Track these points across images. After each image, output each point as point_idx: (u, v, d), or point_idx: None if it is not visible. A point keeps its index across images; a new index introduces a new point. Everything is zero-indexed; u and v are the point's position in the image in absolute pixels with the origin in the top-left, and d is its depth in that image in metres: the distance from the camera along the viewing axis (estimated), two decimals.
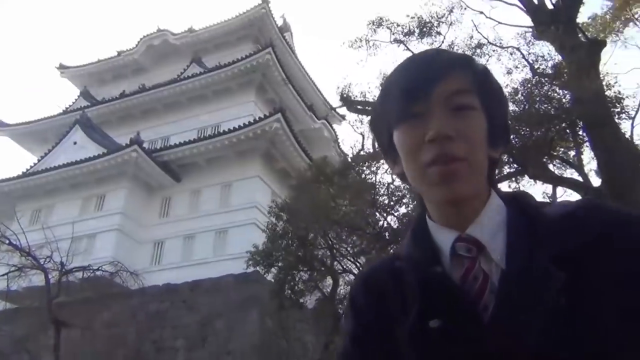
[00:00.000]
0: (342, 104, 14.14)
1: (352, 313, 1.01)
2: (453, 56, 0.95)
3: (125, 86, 30.06)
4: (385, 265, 1.01)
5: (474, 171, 0.85)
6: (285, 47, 29.43)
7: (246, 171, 21.49)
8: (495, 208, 0.90)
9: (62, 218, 20.99)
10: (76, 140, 24.03)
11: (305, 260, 12.65)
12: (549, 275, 0.77)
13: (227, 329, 16.72)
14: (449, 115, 0.86)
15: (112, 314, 18.65)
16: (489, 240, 0.86)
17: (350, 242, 13.05)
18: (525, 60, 11.60)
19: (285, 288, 12.96)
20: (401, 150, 0.91)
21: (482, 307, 0.82)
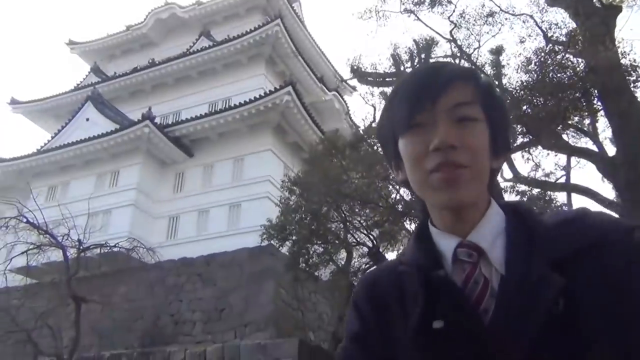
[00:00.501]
0: (353, 76, 14.06)
1: (354, 316, 1.04)
2: (457, 68, 0.98)
3: (135, 61, 29.95)
4: (388, 270, 1.05)
5: (476, 179, 0.89)
6: (295, 18, 29.07)
7: (258, 145, 21.48)
8: (495, 215, 0.94)
9: (77, 195, 21.21)
10: (88, 117, 24.09)
11: (319, 233, 12.74)
12: (548, 279, 0.80)
13: (242, 301, 16.95)
14: (453, 125, 0.89)
15: (129, 288, 18.98)
16: (489, 247, 0.90)
17: (364, 215, 13.10)
18: (539, 28, 11.41)
19: (300, 261, 13.10)
20: (406, 158, 0.95)
21: (482, 311, 0.85)
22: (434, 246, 0.96)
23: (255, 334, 15.74)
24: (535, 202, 12.07)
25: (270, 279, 16.86)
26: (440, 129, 0.88)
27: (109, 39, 32.32)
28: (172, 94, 26.63)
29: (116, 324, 18.07)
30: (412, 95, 0.93)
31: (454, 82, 0.91)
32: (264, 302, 16.47)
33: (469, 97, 0.91)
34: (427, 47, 12.63)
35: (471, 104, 0.91)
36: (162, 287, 18.69)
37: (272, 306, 16.29)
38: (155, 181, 22.43)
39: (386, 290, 0.99)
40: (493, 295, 0.86)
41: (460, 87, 0.91)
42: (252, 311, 16.47)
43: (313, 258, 13.04)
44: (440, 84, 0.91)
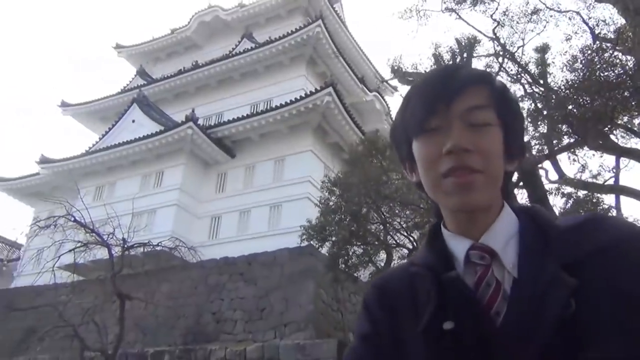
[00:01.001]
0: (394, 76, 13.93)
1: (365, 317, 1.06)
2: (472, 72, 0.97)
3: (179, 63, 30.58)
4: (400, 272, 1.05)
5: (489, 183, 0.89)
6: (335, 19, 29.09)
7: (298, 145, 21.57)
8: (508, 219, 0.94)
9: (123, 194, 21.80)
10: (134, 119, 24.71)
11: (359, 234, 12.69)
12: (560, 281, 0.80)
13: (283, 301, 17.04)
14: (466, 129, 0.89)
15: (172, 287, 19.35)
16: (501, 249, 0.90)
17: (404, 216, 12.99)
18: (586, 25, 11.06)
19: (340, 262, 13.08)
20: (419, 161, 0.95)
21: (494, 314, 0.85)
22: (446, 248, 0.97)
23: (295, 333, 15.79)
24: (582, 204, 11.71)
25: (310, 280, 16.90)
26: (453, 133, 0.89)
27: (154, 42, 33.08)
28: (215, 96, 27.05)
29: (159, 321, 18.46)
30: (426, 98, 0.94)
31: (468, 86, 0.92)
32: (303, 302, 16.52)
33: (483, 101, 0.92)
34: (469, 46, 12.40)
35: (485, 107, 0.91)
36: (205, 286, 18.97)
37: (311, 306, 16.31)
38: (198, 181, 22.80)
39: (397, 292, 1.00)
40: (505, 298, 0.86)
41: (475, 91, 0.92)
42: (292, 311, 16.53)
43: (353, 259, 13.00)
44: (455, 88, 0.91)
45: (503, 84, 0.98)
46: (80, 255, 13.94)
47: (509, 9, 12.11)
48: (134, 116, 24.87)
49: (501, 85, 0.97)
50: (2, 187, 27.58)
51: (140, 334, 18.27)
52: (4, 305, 19.23)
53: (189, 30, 31.88)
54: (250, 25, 29.96)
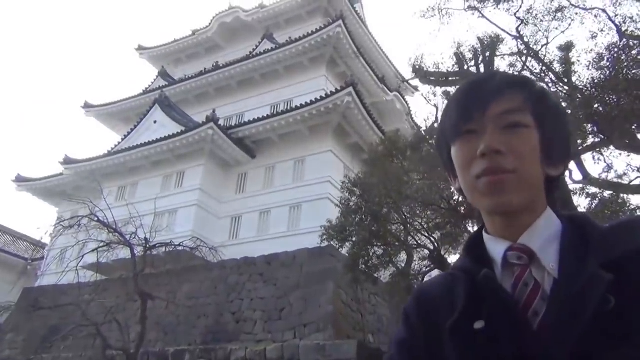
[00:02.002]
0: (415, 76, 13.84)
1: (403, 323, 1.07)
2: (508, 77, 0.99)
3: (200, 64, 30.81)
4: (440, 279, 1.07)
5: (523, 184, 0.89)
6: (356, 19, 29.03)
7: (319, 146, 21.56)
8: (549, 221, 0.93)
9: (145, 195, 22.01)
10: (156, 119, 24.93)
11: (379, 235, 12.61)
12: (597, 277, 0.79)
13: (302, 301, 17.04)
14: (500, 132, 0.91)
15: (193, 286, 19.49)
16: (540, 249, 0.90)
17: (425, 217, 12.88)
18: (612, 23, 10.82)
19: (360, 262, 13.01)
20: (456, 165, 0.98)
21: (532, 313, 0.85)
22: (486, 253, 0.97)
23: (315, 334, 15.78)
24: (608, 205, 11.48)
25: (330, 280, 16.87)
26: (487, 136, 0.91)
27: (175, 44, 33.37)
28: (236, 97, 27.19)
29: (180, 321, 18.60)
30: (462, 105, 0.97)
31: (503, 91, 0.94)
32: (323, 303, 16.50)
33: (518, 104, 0.93)
34: (492, 44, 12.25)
35: (520, 111, 0.93)
36: (225, 285, 19.07)
37: (331, 307, 16.29)
38: (219, 182, 22.92)
39: (437, 298, 1.00)
40: (545, 298, 0.85)
41: (510, 95, 0.94)
42: (312, 311, 16.52)
43: (373, 260, 12.92)
44: (490, 94, 0.94)
45: (542, 88, 1.00)
46: (103, 254, 14.09)
47: (533, 6, 11.94)
48: (155, 117, 25.10)
49: (540, 89, 0.99)
50: (27, 188, 28.05)
51: (161, 333, 18.44)
52: (28, 304, 19.55)
53: (210, 32, 32.10)
54: (271, 26, 30.04)
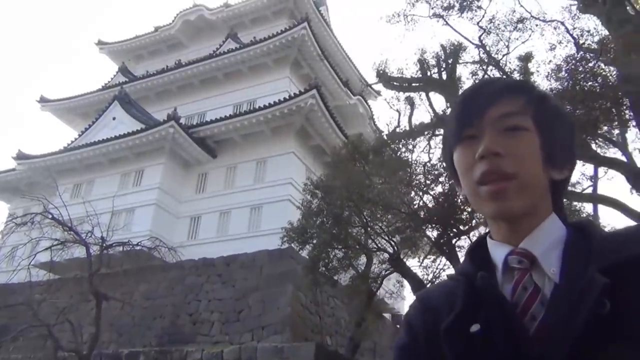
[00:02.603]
0: (379, 80, 13.93)
1: (405, 329, 1.05)
2: (506, 82, 1.00)
3: (162, 62, 30.37)
4: (442, 284, 1.06)
5: (524, 188, 0.89)
6: (321, 21, 29.13)
7: (281, 147, 21.53)
8: (552, 226, 0.93)
9: (102, 193, 21.54)
10: (115, 116, 24.43)
11: (340, 238, 12.65)
12: (593, 281, 0.79)
13: (261, 303, 16.94)
14: (498, 135, 0.91)
15: (150, 287, 19.14)
16: (542, 254, 0.89)
17: (385, 220, 12.99)
18: (570, 35, 11.14)
19: (320, 265, 13.03)
20: (458, 170, 0.98)
21: (529, 317, 0.84)
22: (488, 257, 0.97)
23: (273, 336, 15.71)
24: None
25: (289, 282, 16.83)
26: (485, 139, 0.91)
27: (137, 40, 32.78)
28: (198, 95, 26.89)
29: (135, 322, 18.24)
30: (461, 110, 0.98)
31: (502, 95, 0.94)
32: (282, 305, 16.44)
33: (517, 108, 0.93)
34: (455, 52, 12.47)
35: (518, 114, 0.93)
36: (182, 286, 18.79)
37: (290, 309, 16.24)
38: (179, 181, 22.61)
39: (439, 303, 0.99)
40: (544, 302, 0.85)
41: (508, 99, 0.94)
42: (270, 314, 16.44)
43: (333, 262, 12.96)
44: (488, 98, 0.94)
45: (543, 92, 1.00)
46: (57, 253, 13.70)
47: (495, 17, 12.20)
48: (114, 113, 24.58)
49: (540, 92, 0.99)
50: None
51: (115, 335, 18.03)
52: None
53: (173, 29, 31.67)
54: (235, 26, 29.84)
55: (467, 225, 12.34)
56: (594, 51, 10.17)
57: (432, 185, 12.81)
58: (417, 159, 13.21)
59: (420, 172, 12.88)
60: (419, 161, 13.17)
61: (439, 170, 12.74)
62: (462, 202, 12.31)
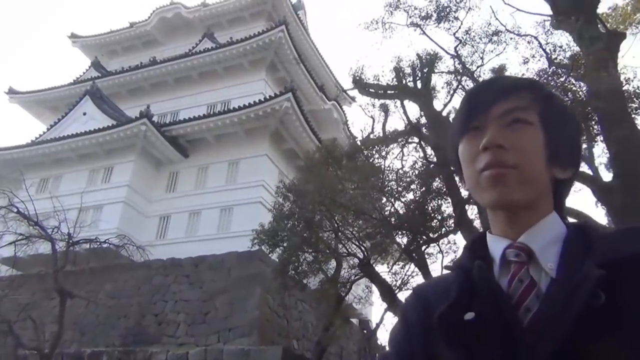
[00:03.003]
0: (355, 86, 14.00)
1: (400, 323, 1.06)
2: (515, 79, 1.03)
3: (136, 58, 29.95)
4: (439, 279, 1.08)
5: (524, 180, 0.90)
6: (299, 26, 29.16)
7: (254, 149, 21.45)
8: (552, 224, 0.94)
9: (69, 188, 21.11)
10: (86, 111, 24.01)
11: (310, 241, 12.66)
12: (589, 274, 0.80)
13: (228, 305, 16.83)
14: (503, 128, 0.93)
15: (116, 286, 18.83)
16: (540, 249, 0.90)
17: (356, 225, 13.03)
18: (543, 50, 11.38)
19: (289, 268, 13.00)
20: (462, 162, 1.00)
21: (524, 309, 0.85)
22: (486, 252, 0.98)
23: (239, 339, 15.61)
24: None
25: (258, 285, 16.75)
26: (489, 131, 0.93)
27: (111, 35, 32.30)
28: (172, 94, 26.61)
29: (100, 321, 17.91)
30: (468, 104, 1.00)
31: (510, 91, 0.96)
32: (250, 308, 16.36)
33: (523, 103, 0.95)
34: (431, 61, 12.62)
35: (523, 109, 0.94)
36: (149, 286, 18.54)
37: (257, 312, 16.17)
38: (149, 180, 22.33)
39: (433, 297, 1.00)
40: (539, 296, 0.86)
41: (515, 95, 0.96)
42: (238, 316, 16.34)
43: (303, 266, 12.94)
44: (496, 93, 0.96)
45: (550, 91, 1.02)
46: (22, 248, 13.39)
47: (471, 28, 12.39)
48: (85, 108, 24.15)
49: (548, 91, 1.01)
50: None
51: (78, 334, 17.69)
52: None
53: (149, 25, 31.31)
54: (212, 25, 29.65)
55: (437, 233, 12.49)
56: (566, 66, 10.42)
57: (404, 192, 12.93)
58: (389, 166, 13.32)
59: (393, 178, 12.99)
60: (391, 168, 13.29)
61: (411, 178, 12.88)
62: (432, 210, 12.47)
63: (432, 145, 12.00)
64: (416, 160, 13.09)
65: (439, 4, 12.53)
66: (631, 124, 8.57)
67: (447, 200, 12.41)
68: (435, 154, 11.90)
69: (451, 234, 12.56)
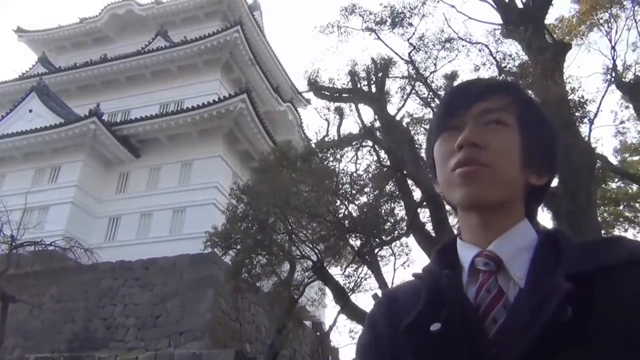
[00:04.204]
0: (309, 89, 14.04)
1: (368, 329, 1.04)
2: (495, 81, 1.04)
3: (86, 55, 29.16)
4: (407, 284, 1.05)
5: (497, 179, 0.89)
6: (254, 27, 29.02)
7: (208, 150, 21.20)
8: (522, 231, 0.92)
9: (13, 188, 20.34)
10: (32, 108, 23.17)
11: (264, 244, 12.60)
12: (557, 287, 0.78)
13: (180, 308, 16.56)
14: (479, 127, 0.93)
15: (62, 289, 18.23)
16: (509, 259, 0.89)
17: (310, 228, 13.06)
18: (493, 58, 11.70)
19: (243, 271, 12.92)
20: (436, 160, 0.99)
21: (490, 320, 0.84)
22: (456, 258, 0.97)
23: (191, 343, 15.38)
24: None
25: (210, 288, 16.56)
26: (467, 130, 0.92)
27: (60, 30, 31.31)
28: (123, 92, 25.99)
29: (45, 326, 17.31)
30: (448, 103, 1.00)
31: (490, 91, 0.96)
32: (202, 311, 16.14)
33: (501, 104, 0.95)
34: (385, 66, 12.78)
35: (501, 110, 0.94)
36: (96, 289, 18.04)
37: (210, 315, 15.98)
38: (98, 180, 21.74)
39: (403, 302, 0.98)
40: (507, 306, 0.84)
41: (495, 96, 0.96)
42: (189, 319, 16.10)
43: (256, 268, 12.87)
44: (476, 93, 0.96)
45: (528, 95, 1.02)
46: None
47: (425, 35, 12.60)
48: (31, 106, 23.30)
49: (527, 95, 1.01)
50: None
51: (21, 339, 17.05)
52: None
53: (100, 22, 30.51)
54: (166, 24, 29.15)
55: (390, 236, 12.62)
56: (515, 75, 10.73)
57: (358, 195, 13.03)
58: (344, 169, 13.39)
59: (347, 181, 13.06)
60: (345, 171, 13.37)
61: (365, 181, 12.98)
62: (385, 213, 12.60)
63: (385, 149, 12.12)
64: (370, 163, 13.22)
65: (394, 10, 12.71)
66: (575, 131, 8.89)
67: (399, 204, 12.58)
68: (389, 157, 12.04)
69: (403, 237, 12.71)
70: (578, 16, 14.32)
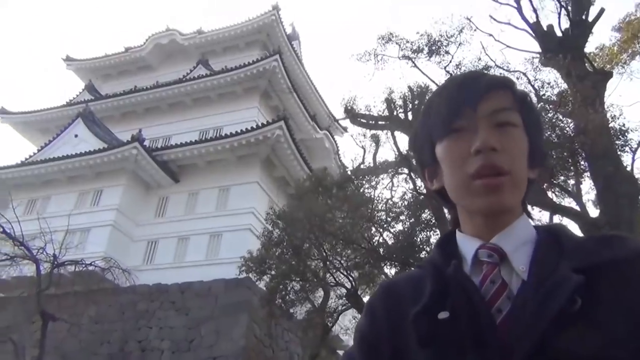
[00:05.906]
0: (346, 116, 14.16)
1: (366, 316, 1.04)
2: (496, 76, 1.01)
3: (130, 83, 30.08)
4: (408, 275, 1.06)
5: (516, 185, 0.90)
6: (293, 55, 29.49)
7: (245, 176, 21.45)
8: (523, 226, 0.94)
9: (57, 210, 20.95)
10: (77, 133, 23.99)
11: (299, 270, 12.61)
12: (567, 279, 0.79)
13: (214, 333, 16.61)
14: (493, 129, 0.91)
15: (99, 310, 18.55)
16: (512, 251, 0.90)
17: (345, 255, 13.01)
18: (531, 86, 11.58)
19: (277, 297, 12.92)
20: (446, 162, 0.96)
21: (495, 310, 0.84)
22: (456, 250, 0.98)
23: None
24: None
25: (245, 313, 16.59)
26: (481, 133, 0.91)
27: (106, 59, 32.49)
28: (164, 119, 26.66)
29: (82, 346, 17.60)
30: (451, 100, 0.96)
31: (493, 88, 0.95)
32: (235, 336, 16.16)
33: (508, 103, 0.95)
34: (421, 94, 12.81)
35: (510, 110, 0.94)
36: (133, 311, 18.28)
37: (243, 341, 15.97)
38: (138, 203, 22.20)
39: (404, 290, 0.99)
40: (510, 297, 0.85)
41: (500, 93, 0.95)
42: (223, 344, 16.12)
43: (290, 294, 12.87)
44: (480, 90, 0.94)
45: (525, 92, 1.01)
46: (5, 269, 13.21)
47: (462, 62, 12.61)
48: (77, 131, 24.14)
49: (523, 92, 1.00)
50: None
51: (59, 358, 17.33)
52: None
53: (144, 51, 31.54)
54: (207, 53, 29.93)
55: None
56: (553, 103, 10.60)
57: (393, 223, 12.95)
58: (379, 196, 13.38)
59: (382, 209, 13.03)
60: (381, 198, 13.34)
61: (400, 209, 12.91)
62: (421, 241, 12.47)
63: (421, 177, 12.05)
64: (406, 191, 13.16)
65: (431, 38, 12.78)
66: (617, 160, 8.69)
67: (435, 232, 12.43)
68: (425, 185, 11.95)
69: None
70: (619, 44, 14.09)
